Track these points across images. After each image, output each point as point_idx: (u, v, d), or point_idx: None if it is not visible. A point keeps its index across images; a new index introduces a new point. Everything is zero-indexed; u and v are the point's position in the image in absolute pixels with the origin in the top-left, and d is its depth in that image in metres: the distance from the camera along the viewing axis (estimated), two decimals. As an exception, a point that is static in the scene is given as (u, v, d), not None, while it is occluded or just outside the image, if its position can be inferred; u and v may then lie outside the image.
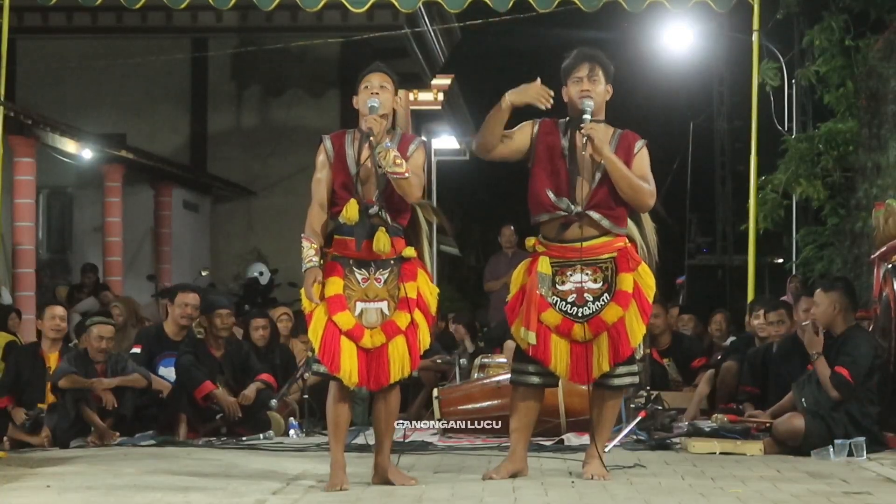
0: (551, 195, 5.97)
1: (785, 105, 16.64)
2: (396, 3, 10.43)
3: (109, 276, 16.02)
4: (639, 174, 6.04)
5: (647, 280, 6.05)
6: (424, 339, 5.88)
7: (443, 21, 19.05)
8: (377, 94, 5.89)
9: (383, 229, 5.80)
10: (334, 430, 5.85)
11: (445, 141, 27.70)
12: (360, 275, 5.83)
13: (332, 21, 17.50)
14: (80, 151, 15.32)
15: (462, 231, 32.54)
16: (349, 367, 5.73)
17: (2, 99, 9.99)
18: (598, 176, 5.99)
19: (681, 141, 28.45)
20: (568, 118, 6.11)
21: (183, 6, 10.58)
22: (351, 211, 5.77)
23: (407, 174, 5.72)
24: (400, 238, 5.88)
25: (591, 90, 6.02)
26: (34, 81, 18.22)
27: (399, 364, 5.81)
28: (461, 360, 9.84)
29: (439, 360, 10.02)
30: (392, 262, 5.86)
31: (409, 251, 5.89)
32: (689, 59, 22.19)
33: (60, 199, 17.89)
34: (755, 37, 10.68)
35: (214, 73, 19.48)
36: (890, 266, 8.06)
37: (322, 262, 5.78)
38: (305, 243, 5.76)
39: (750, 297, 10.52)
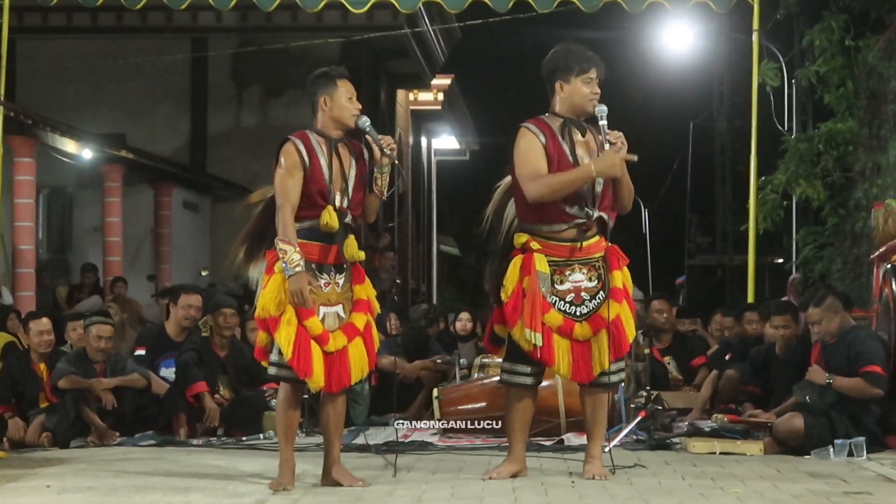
0: (567, 207, 5.94)
1: (785, 105, 16.64)
2: (396, 3, 10.43)
3: (109, 276, 16.01)
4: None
5: (629, 279, 6.12)
6: (377, 338, 6.03)
7: (443, 21, 19.06)
8: (359, 108, 5.93)
9: (353, 236, 5.90)
10: (285, 432, 5.92)
11: (445, 141, 27.71)
12: (322, 279, 5.87)
13: (332, 21, 17.52)
14: (80, 151, 15.33)
15: (462, 231, 32.56)
16: (318, 371, 5.77)
17: (2, 99, 9.98)
18: (599, 178, 5.97)
19: (681, 141, 28.47)
20: (562, 118, 6.01)
21: (183, 6, 10.58)
22: (332, 219, 5.80)
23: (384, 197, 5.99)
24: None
25: (599, 94, 6.01)
26: (34, 81, 18.23)
27: (359, 365, 5.90)
28: (461, 360, 9.84)
29: (439, 360, 10.02)
30: (345, 266, 5.93)
31: (361, 255, 5.97)
32: (689, 59, 22.21)
33: (60, 199, 17.90)
34: (755, 37, 10.68)
35: (214, 73, 19.49)
36: (890, 266, 8.07)
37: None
38: (288, 247, 5.70)
39: (750, 297, 10.52)
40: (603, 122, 5.93)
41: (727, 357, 9.53)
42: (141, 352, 9.33)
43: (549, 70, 6.06)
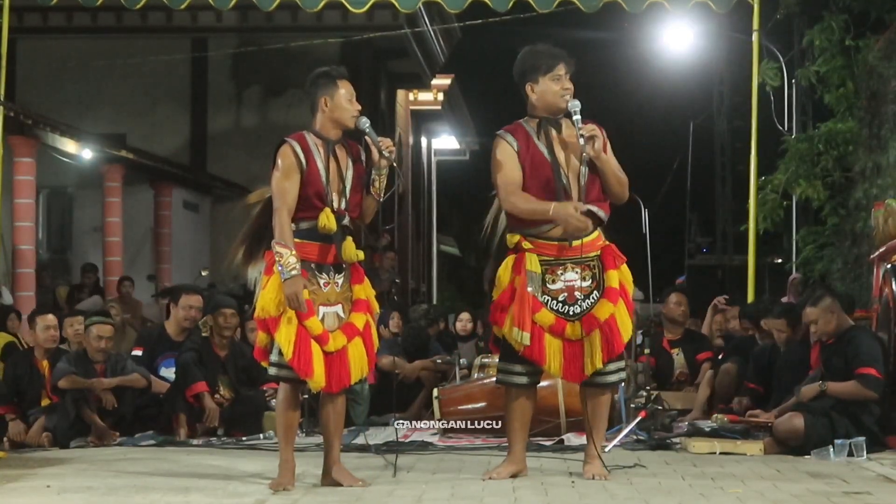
0: None
1: (785, 105, 16.65)
2: (396, 3, 10.42)
3: (109, 276, 16.02)
4: (616, 165, 6.04)
5: (628, 277, 6.10)
6: (376, 338, 6.03)
7: (443, 21, 19.07)
8: (359, 108, 5.92)
9: (350, 237, 5.90)
10: (285, 432, 5.92)
11: (445, 141, 27.73)
12: (321, 279, 5.87)
13: (332, 21, 17.52)
14: (80, 151, 15.34)
15: (462, 231, 32.57)
16: (319, 371, 5.77)
17: (2, 99, 9.97)
18: (584, 171, 5.97)
19: (681, 141, 28.50)
20: (538, 118, 6.03)
21: (183, 6, 10.57)
22: (330, 221, 5.79)
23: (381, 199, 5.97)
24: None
25: (570, 89, 6.01)
26: (34, 81, 18.23)
27: (359, 365, 5.90)
28: (461, 360, 9.84)
29: (439, 360, 10.02)
30: (344, 266, 5.93)
31: (360, 254, 5.97)
32: (689, 59, 22.22)
33: (60, 199, 17.90)
34: (755, 37, 10.67)
35: (214, 73, 19.50)
36: (890, 266, 8.07)
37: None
38: (284, 251, 5.69)
39: (750, 297, 10.52)
40: (577, 117, 5.93)
41: (720, 356, 9.58)
42: (137, 352, 9.32)
43: (519, 74, 6.08)
